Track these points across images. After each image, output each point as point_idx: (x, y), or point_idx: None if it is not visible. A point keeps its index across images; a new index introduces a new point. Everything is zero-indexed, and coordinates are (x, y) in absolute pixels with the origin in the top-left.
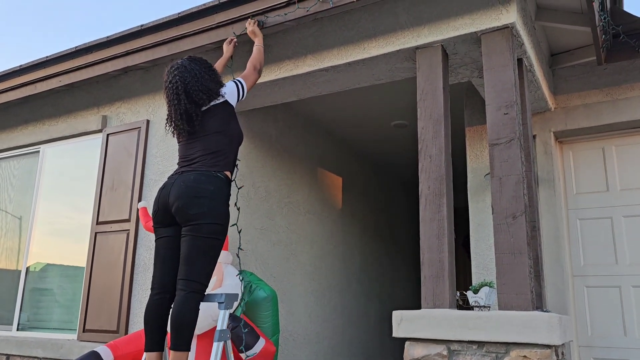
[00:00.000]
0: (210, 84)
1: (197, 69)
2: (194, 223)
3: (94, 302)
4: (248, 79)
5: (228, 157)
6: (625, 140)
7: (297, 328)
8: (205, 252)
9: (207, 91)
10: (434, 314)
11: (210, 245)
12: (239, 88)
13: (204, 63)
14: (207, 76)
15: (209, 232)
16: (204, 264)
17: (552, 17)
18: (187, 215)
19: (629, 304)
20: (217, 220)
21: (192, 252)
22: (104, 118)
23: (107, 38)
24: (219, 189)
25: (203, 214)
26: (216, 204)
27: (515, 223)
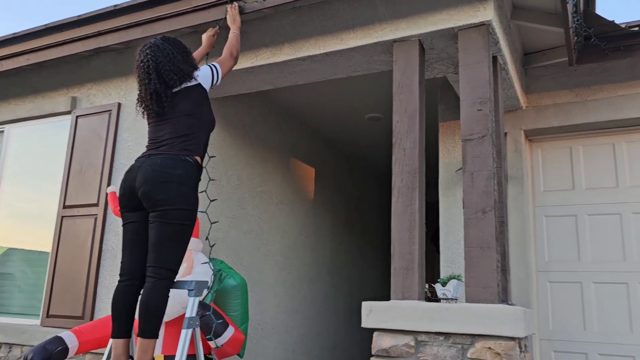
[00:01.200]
0: (183, 65)
1: (170, 49)
2: (161, 209)
3: (59, 287)
4: (224, 65)
5: (198, 142)
6: (592, 141)
7: (266, 317)
8: (173, 238)
9: (178, 72)
10: (403, 305)
11: (178, 231)
12: (213, 72)
13: (178, 44)
14: (179, 57)
15: (177, 217)
16: (172, 250)
17: (527, 16)
18: (153, 201)
19: (589, 299)
20: (185, 205)
21: (160, 239)
22: (73, 99)
23: (78, 17)
24: (188, 173)
25: (170, 199)
26: (184, 189)
27: (485, 218)
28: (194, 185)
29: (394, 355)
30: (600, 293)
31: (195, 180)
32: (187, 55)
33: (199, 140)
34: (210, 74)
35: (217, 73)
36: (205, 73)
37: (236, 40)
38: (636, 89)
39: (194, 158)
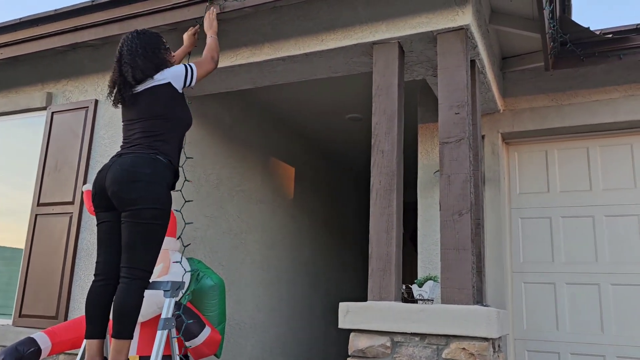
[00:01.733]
0: (142, 61)
1: (137, 43)
2: (131, 208)
3: (32, 286)
4: (201, 67)
5: (170, 141)
6: (567, 145)
7: (243, 317)
8: (146, 238)
9: (135, 67)
10: (380, 306)
11: (150, 230)
12: (187, 72)
13: (148, 39)
14: (142, 53)
15: (148, 217)
16: (145, 250)
17: (505, 21)
18: (123, 200)
19: (562, 300)
20: (156, 204)
21: (132, 239)
22: (49, 95)
23: (55, 11)
24: (158, 172)
25: (140, 198)
26: (154, 188)
27: (461, 220)
28: (165, 184)
29: (370, 356)
30: (572, 294)
31: (166, 179)
32: (153, 53)
33: (171, 139)
34: (184, 73)
35: (192, 73)
36: (176, 72)
37: (215, 44)
38: (610, 95)
39: (166, 157)
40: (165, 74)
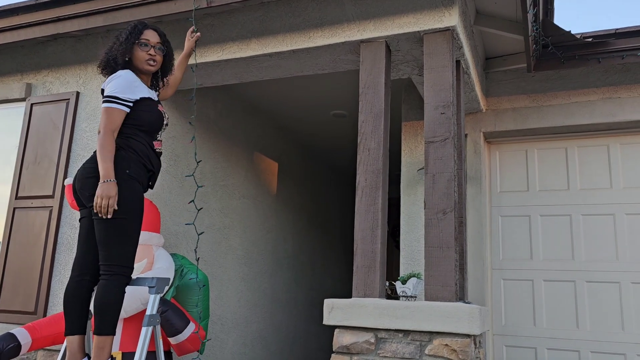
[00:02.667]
0: (104, 56)
1: (116, 37)
2: (91, 204)
3: (10, 281)
4: (104, 117)
5: (133, 136)
6: (546, 145)
7: (226, 312)
8: (115, 234)
9: (101, 60)
10: (364, 302)
11: (117, 225)
12: (104, 88)
13: (123, 34)
14: (108, 46)
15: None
16: (118, 246)
17: (490, 23)
18: (84, 197)
19: (540, 297)
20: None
21: (102, 235)
22: (28, 86)
23: (36, 1)
24: (115, 164)
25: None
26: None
27: (445, 219)
28: (124, 176)
29: (354, 352)
30: (550, 290)
31: (125, 170)
32: (111, 50)
33: (132, 135)
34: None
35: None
36: (108, 82)
37: (108, 115)
38: (588, 97)
39: (130, 150)
40: (103, 84)
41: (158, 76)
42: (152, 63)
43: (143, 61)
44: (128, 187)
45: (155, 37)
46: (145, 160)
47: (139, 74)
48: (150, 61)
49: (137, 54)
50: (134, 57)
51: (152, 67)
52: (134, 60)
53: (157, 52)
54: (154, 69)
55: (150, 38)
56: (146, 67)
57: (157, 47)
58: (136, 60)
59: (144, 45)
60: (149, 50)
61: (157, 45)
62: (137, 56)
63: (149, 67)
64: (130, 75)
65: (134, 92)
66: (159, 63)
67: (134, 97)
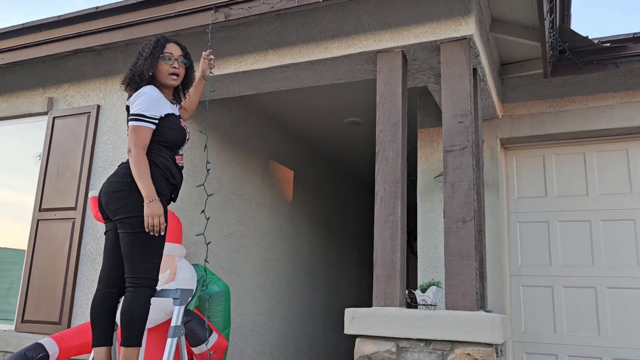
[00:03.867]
0: (128, 72)
1: (139, 52)
2: (117, 219)
3: (35, 291)
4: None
5: (158, 151)
6: (564, 150)
7: (244, 320)
8: (140, 247)
9: (125, 76)
10: (385, 312)
11: (141, 238)
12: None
13: (147, 49)
14: (132, 62)
15: (134, 225)
16: (143, 258)
17: (505, 29)
18: (110, 211)
19: (560, 303)
20: (139, 212)
21: (128, 249)
22: (50, 100)
23: (58, 17)
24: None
25: (123, 207)
26: (136, 196)
27: (465, 227)
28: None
29: None
30: (570, 297)
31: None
32: (134, 66)
33: (157, 149)
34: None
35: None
36: (131, 102)
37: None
38: (606, 101)
39: (151, 163)
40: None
41: (179, 89)
42: (175, 77)
43: (166, 75)
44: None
45: (177, 50)
46: (168, 174)
47: (162, 89)
48: (173, 75)
49: (161, 68)
50: (157, 71)
51: (174, 81)
52: (157, 75)
53: (180, 64)
54: (177, 82)
55: (173, 51)
56: (169, 81)
57: (179, 59)
58: (159, 74)
59: (167, 59)
60: (173, 64)
61: (179, 58)
62: (160, 70)
63: (172, 81)
64: (154, 92)
65: (159, 109)
66: (181, 76)
67: (159, 114)
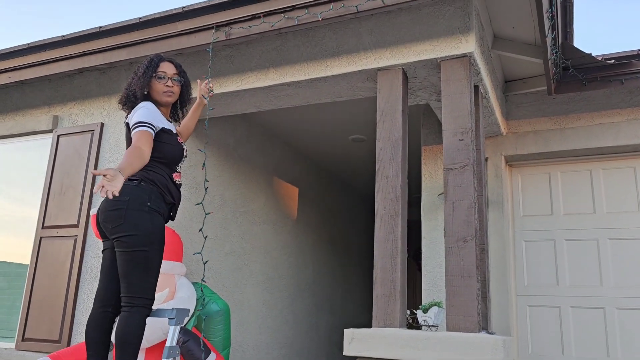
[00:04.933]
0: (124, 92)
1: (134, 72)
2: (115, 237)
3: (36, 309)
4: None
5: (156, 169)
6: (569, 167)
7: (247, 339)
8: (136, 266)
9: (121, 96)
10: (385, 333)
11: (139, 257)
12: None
13: (140, 68)
14: (127, 82)
15: (131, 244)
16: (140, 278)
17: (508, 47)
18: (107, 230)
19: (567, 324)
20: (134, 231)
21: (124, 268)
22: (55, 118)
23: (63, 37)
24: (135, 198)
25: (120, 226)
26: (131, 215)
27: (466, 247)
28: (145, 209)
29: None
30: (577, 317)
31: (146, 203)
32: (133, 82)
33: (155, 167)
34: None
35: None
36: (131, 117)
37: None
38: (612, 118)
39: (151, 183)
40: (128, 118)
41: (177, 107)
42: (170, 94)
43: (161, 93)
44: (149, 219)
45: (171, 69)
46: (165, 192)
47: (158, 107)
48: (167, 92)
49: (155, 87)
50: (152, 90)
51: (170, 98)
52: (152, 93)
53: (174, 83)
54: (172, 99)
55: (167, 70)
56: (164, 98)
57: (173, 78)
58: (154, 92)
59: (160, 78)
60: (166, 82)
61: (173, 77)
62: (155, 89)
63: (167, 98)
64: (151, 106)
65: (156, 122)
66: (176, 94)
67: (157, 125)
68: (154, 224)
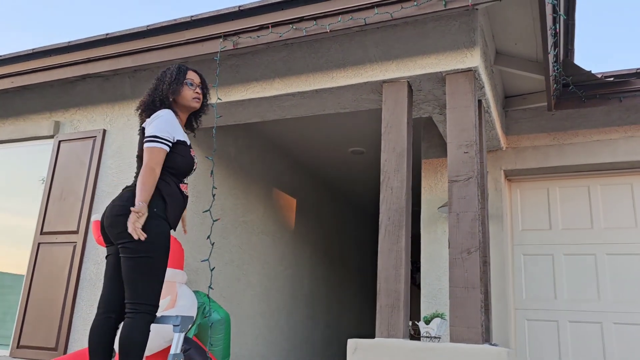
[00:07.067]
0: (147, 97)
1: (158, 79)
2: (120, 243)
3: (32, 316)
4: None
5: (164, 177)
6: (568, 183)
7: (242, 350)
8: (141, 272)
9: (143, 101)
10: (388, 343)
11: (143, 264)
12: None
13: (169, 75)
14: (151, 88)
15: (137, 250)
16: (144, 284)
17: (510, 63)
18: (113, 235)
19: (565, 338)
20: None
21: (129, 274)
22: (56, 124)
23: (68, 43)
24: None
25: (126, 231)
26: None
27: (470, 258)
28: (152, 214)
29: None
30: (575, 332)
31: (152, 209)
32: (156, 91)
33: (163, 175)
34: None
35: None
36: (148, 124)
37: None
38: (610, 135)
39: (155, 190)
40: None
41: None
42: (198, 100)
43: (190, 99)
44: (156, 225)
45: (197, 78)
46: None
47: (177, 114)
48: (196, 99)
49: (185, 93)
50: (180, 96)
51: (197, 104)
52: (178, 99)
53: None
54: (199, 105)
55: (194, 78)
56: (193, 104)
57: (199, 86)
58: (182, 99)
59: (190, 85)
60: (195, 89)
61: (199, 85)
62: (184, 95)
63: (196, 104)
64: (171, 116)
65: (174, 133)
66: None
67: (174, 138)
68: (159, 230)
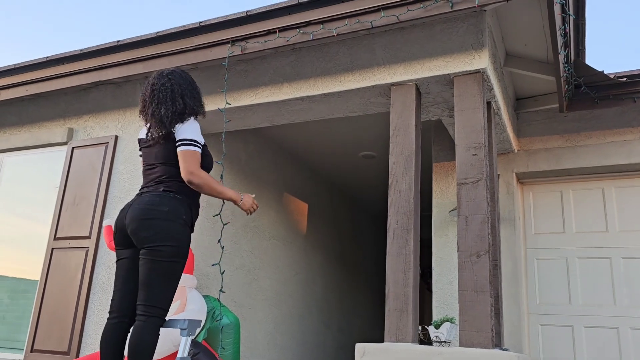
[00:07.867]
0: (181, 107)
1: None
2: (148, 246)
3: (45, 320)
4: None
5: (184, 183)
6: (582, 185)
7: (254, 355)
8: (162, 276)
9: (184, 109)
10: (397, 348)
11: (167, 268)
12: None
13: (194, 84)
14: (190, 96)
15: (164, 255)
16: (162, 288)
17: (520, 64)
18: (140, 238)
19: (581, 343)
20: (171, 242)
21: (149, 276)
22: (70, 130)
23: (80, 51)
24: (174, 209)
25: (156, 235)
26: (170, 225)
27: (479, 262)
28: (181, 221)
29: None
30: (591, 337)
31: (183, 217)
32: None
33: (180, 180)
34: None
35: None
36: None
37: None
38: (624, 136)
39: (184, 196)
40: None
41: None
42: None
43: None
44: (183, 232)
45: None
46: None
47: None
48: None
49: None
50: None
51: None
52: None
53: None
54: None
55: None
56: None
57: None
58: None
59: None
60: None
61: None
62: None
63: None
64: (198, 124)
65: (201, 138)
66: None
67: (203, 142)
68: (186, 237)
